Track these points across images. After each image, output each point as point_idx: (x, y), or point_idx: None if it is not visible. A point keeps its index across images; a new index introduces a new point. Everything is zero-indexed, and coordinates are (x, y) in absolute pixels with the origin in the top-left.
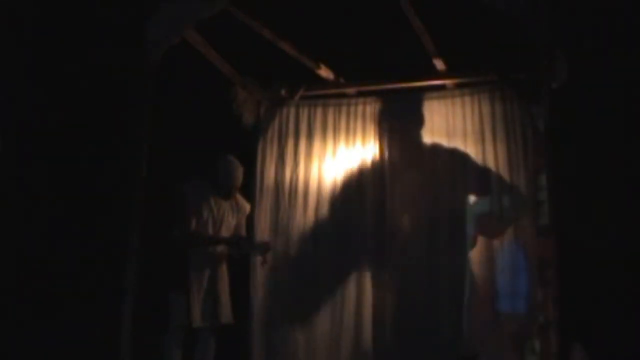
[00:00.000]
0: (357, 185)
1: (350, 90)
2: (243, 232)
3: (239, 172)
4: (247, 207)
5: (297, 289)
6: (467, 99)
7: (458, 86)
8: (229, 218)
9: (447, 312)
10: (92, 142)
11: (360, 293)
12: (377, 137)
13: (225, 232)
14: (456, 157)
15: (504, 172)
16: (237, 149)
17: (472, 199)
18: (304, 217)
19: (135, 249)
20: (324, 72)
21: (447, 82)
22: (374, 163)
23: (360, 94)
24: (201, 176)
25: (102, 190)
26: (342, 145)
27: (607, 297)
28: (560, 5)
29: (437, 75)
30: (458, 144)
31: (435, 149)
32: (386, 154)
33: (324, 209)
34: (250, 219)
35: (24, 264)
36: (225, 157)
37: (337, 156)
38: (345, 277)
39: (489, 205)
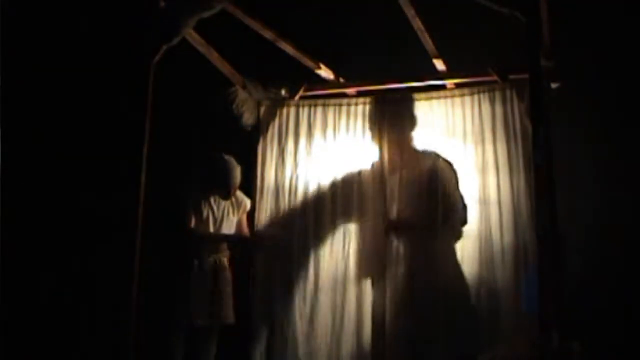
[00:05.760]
0: (357, 186)
1: (350, 90)
2: (245, 229)
3: (237, 172)
4: (247, 202)
5: (297, 290)
6: (467, 99)
7: (458, 86)
8: (229, 216)
9: (447, 311)
10: (92, 142)
11: (360, 294)
12: (377, 137)
13: (226, 230)
14: (455, 157)
15: (503, 173)
16: (237, 149)
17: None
18: (304, 218)
19: (137, 249)
20: (324, 72)
21: (447, 82)
22: (373, 163)
23: (360, 94)
24: (201, 176)
25: (101, 191)
26: (342, 145)
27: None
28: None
29: (437, 75)
30: (458, 144)
31: (435, 149)
32: (386, 154)
33: (324, 209)
34: (251, 219)
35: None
36: (221, 157)
37: (337, 156)
38: (346, 278)
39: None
